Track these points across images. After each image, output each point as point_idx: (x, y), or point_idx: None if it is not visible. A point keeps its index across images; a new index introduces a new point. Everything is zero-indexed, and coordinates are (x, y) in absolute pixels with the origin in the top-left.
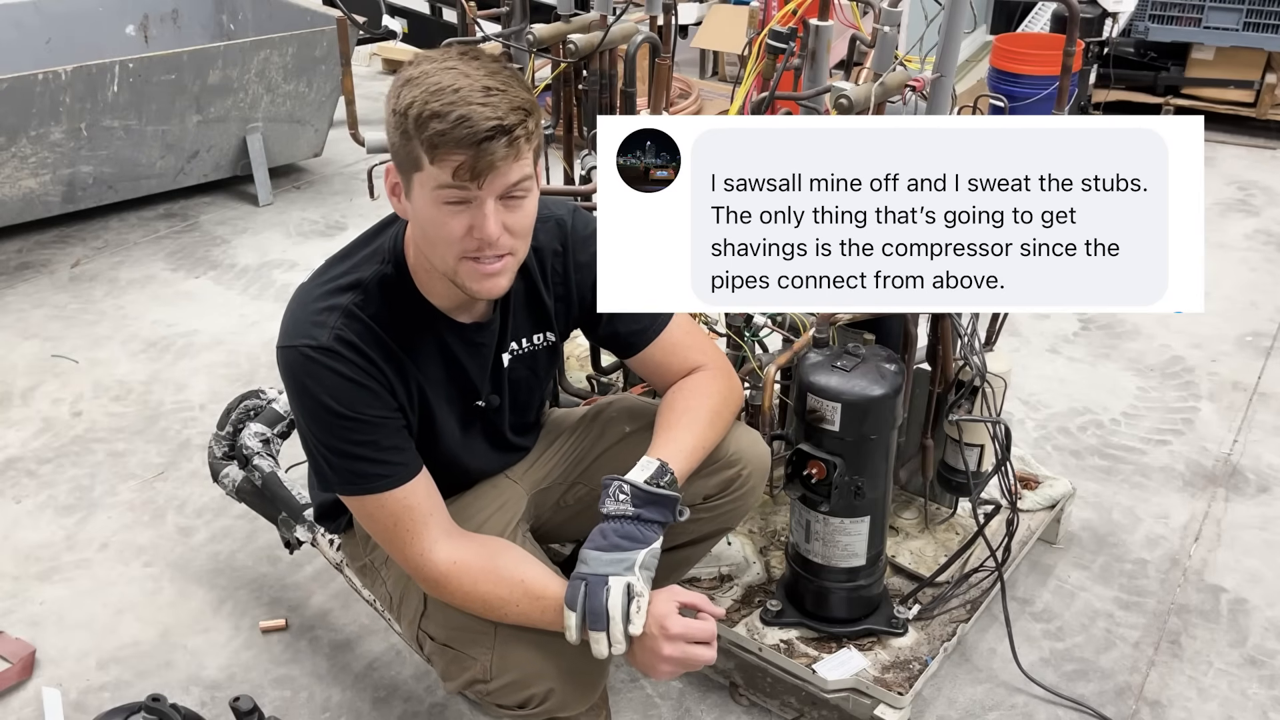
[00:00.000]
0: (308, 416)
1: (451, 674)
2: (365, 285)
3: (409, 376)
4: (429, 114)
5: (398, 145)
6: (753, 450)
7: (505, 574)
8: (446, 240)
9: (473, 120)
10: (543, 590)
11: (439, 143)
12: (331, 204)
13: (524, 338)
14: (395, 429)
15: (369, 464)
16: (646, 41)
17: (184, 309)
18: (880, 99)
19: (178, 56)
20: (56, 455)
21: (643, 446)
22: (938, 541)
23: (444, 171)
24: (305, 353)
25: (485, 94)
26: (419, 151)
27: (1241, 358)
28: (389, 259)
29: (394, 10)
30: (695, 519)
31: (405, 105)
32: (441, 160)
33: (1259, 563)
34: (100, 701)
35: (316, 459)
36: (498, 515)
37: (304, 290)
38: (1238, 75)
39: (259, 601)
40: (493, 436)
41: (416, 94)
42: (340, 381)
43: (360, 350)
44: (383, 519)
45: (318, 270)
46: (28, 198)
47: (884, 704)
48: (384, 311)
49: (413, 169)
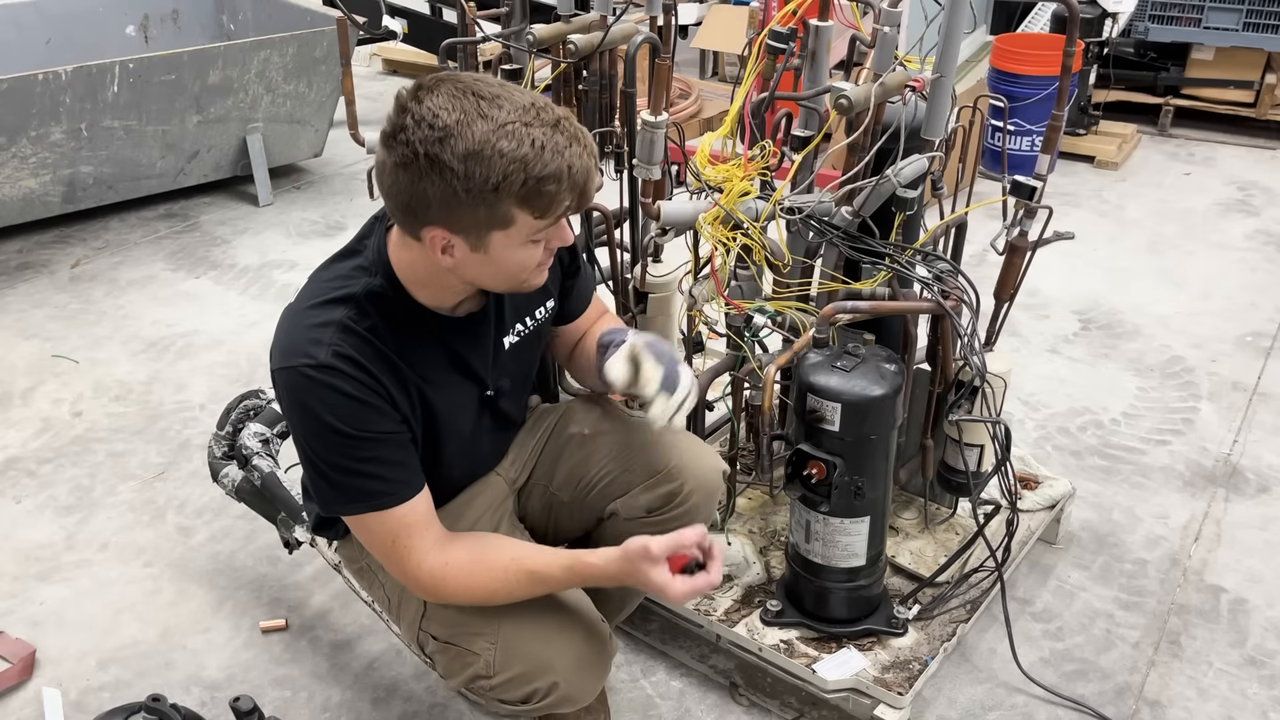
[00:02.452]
0: (310, 436)
1: (454, 671)
2: (356, 299)
3: (409, 386)
4: (534, 180)
5: (471, 215)
6: (697, 465)
7: (496, 559)
8: (530, 267)
9: (577, 168)
10: (534, 563)
11: (555, 198)
12: (331, 204)
13: (526, 316)
14: (400, 444)
15: (373, 481)
16: (646, 42)
17: (184, 309)
18: (880, 99)
19: (178, 56)
20: (56, 455)
21: (594, 449)
22: (938, 541)
23: (550, 218)
24: (305, 372)
25: (557, 130)
26: (515, 212)
27: (1241, 358)
28: (376, 270)
29: (394, 10)
30: (643, 528)
31: (495, 183)
32: (553, 212)
33: (1259, 563)
34: (100, 701)
35: (316, 478)
36: (488, 515)
37: (293, 311)
38: (1238, 75)
39: (259, 601)
40: (499, 419)
41: (504, 167)
42: (343, 399)
43: (360, 365)
44: (382, 535)
45: (302, 291)
46: (28, 198)
47: (884, 704)
48: (379, 323)
49: (497, 228)
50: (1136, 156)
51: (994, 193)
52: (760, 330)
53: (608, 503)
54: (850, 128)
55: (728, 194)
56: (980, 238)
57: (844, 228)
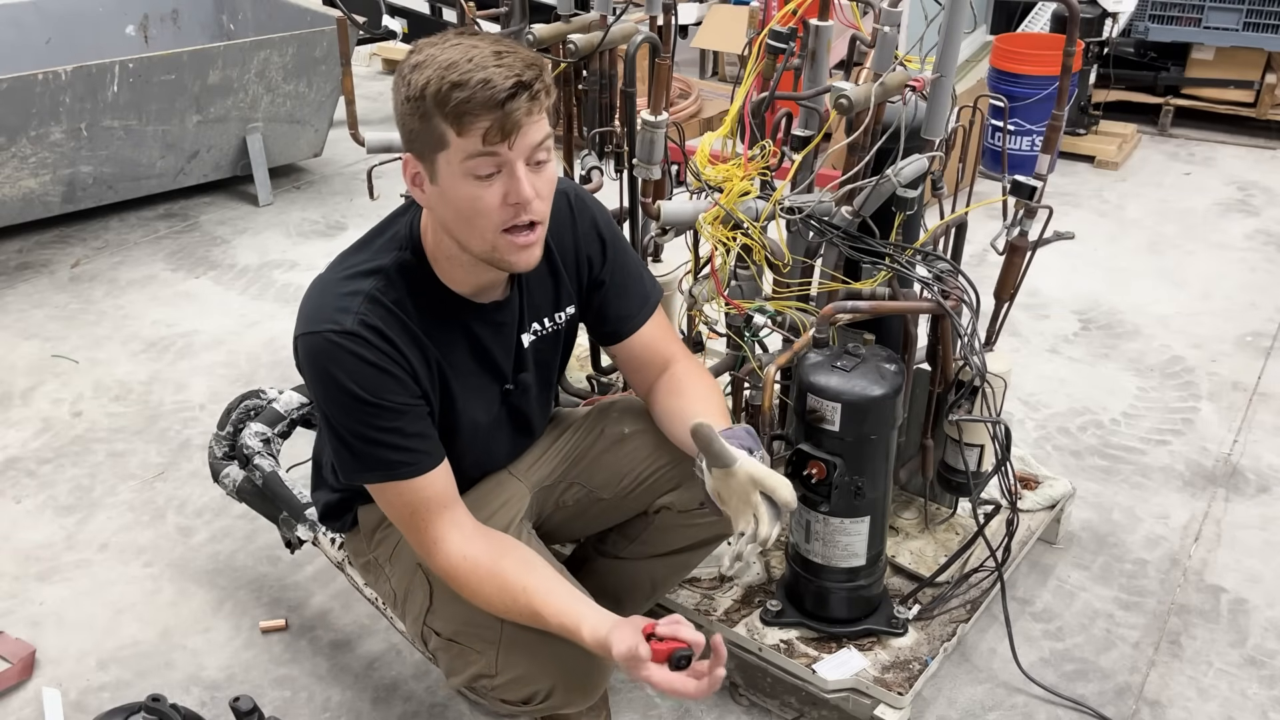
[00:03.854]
0: (331, 403)
1: (456, 669)
2: (386, 271)
3: (431, 362)
4: (449, 85)
5: (416, 130)
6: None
7: (510, 580)
8: (485, 214)
9: (493, 81)
10: (542, 605)
11: (465, 110)
12: (331, 204)
13: (545, 317)
14: (419, 416)
15: (392, 450)
16: (646, 41)
17: (184, 309)
18: (880, 99)
19: (178, 56)
20: (56, 455)
21: (642, 449)
22: (938, 541)
23: (473, 140)
24: (330, 338)
25: (497, 57)
26: (443, 127)
27: (1241, 358)
28: (407, 245)
29: (394, 10)
30: (693, 524)
31: (421, 86)
32: (469, 129)
33: (1259, 563)
34: (100, 701)
35: (338, 445)
36: (501, 512)
37: (323, 279)
38: (1238, 75)
39: (259, 601)
40: (516, 419)
41: (430, 73)
42: (365, 367)
43: (384, 335)
44: (401, 506)
45: (335, 261)
46: (28, 198)
47: (884, 704)
48: (406, 297)
49: (437, 148)
50: (1136, 156)
51: (994, 193)
52: (760, 330)
53: (655, 498)
54: (850, 128)
55: (728, 194)
56: (980, 238)
57: (844, 227)
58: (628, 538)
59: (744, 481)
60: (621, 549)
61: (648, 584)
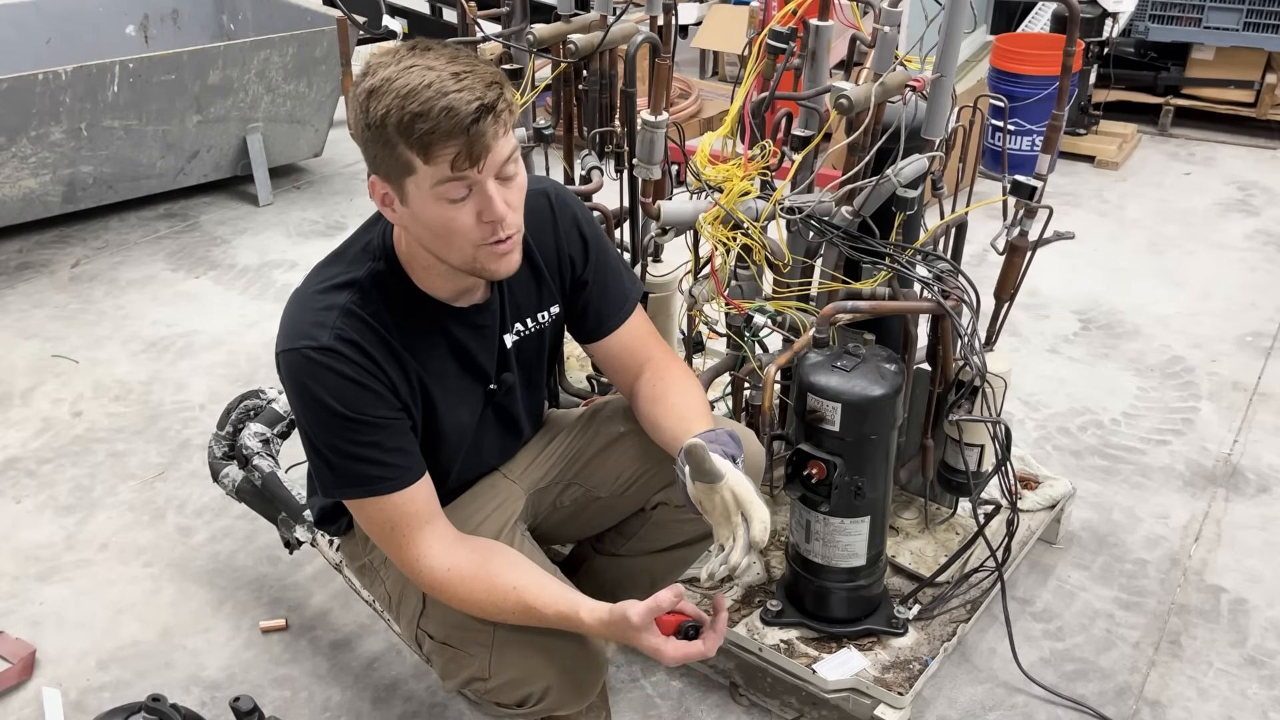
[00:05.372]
0: (310, 418)
1: (450, 672)
2: (360, 284)
3: (410, 374)
4: (410, 116)
5: (380, 156)
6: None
7: (499, 581)
8: (460, 234)
9: (456, 108)
10: (533, 599)
11: (430, 140)
12: (331, 204)
13: (527, 317)
14: (399, 430)
15: (372, 465)
16: (646, 41)
17: (184, 309)
18: (880, 99)
19: (178, 56)
20: (56, 455)
21: (636, 447)
22: (938, 541)
23: (441, 167)
24: (307, 354)
25: (456, 79)
26: (409, 155)
27: (1241, 358)
28: (380, 256)
29: (394, 10)
30: (689, 518)
31: (380, 116)
32: (436, 156)
33: (1259, 563)
34: (100, 701)
35: (317, 461)
36: (495, 515)
37: (299, 294)
38: (1238, 75)
39: (259, 601)
40: (505, 420)
41: (389, 101)
42: (343, 382)
43: (362, 349)
44: (381, 521)
45: (311, 273)
46: (28, 198)
47: (884, 704)
48: (383, 309)
49: (404, 174)
50: (1136, 156)
51: (994, 193)
52: (760, 330)
53: (652, 494)
54: (850, 127)
55: (728, 194)
56: (980, 238)
57: (844, 227)
58: (625, 535)
59: (728, 499)
60: (619, 546)
61: (646, 581)
